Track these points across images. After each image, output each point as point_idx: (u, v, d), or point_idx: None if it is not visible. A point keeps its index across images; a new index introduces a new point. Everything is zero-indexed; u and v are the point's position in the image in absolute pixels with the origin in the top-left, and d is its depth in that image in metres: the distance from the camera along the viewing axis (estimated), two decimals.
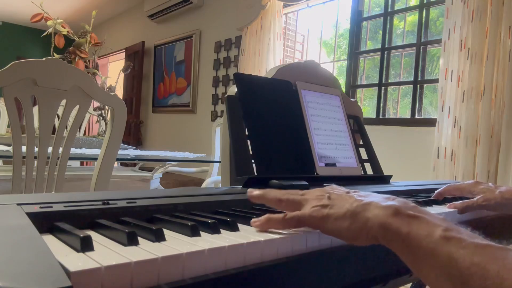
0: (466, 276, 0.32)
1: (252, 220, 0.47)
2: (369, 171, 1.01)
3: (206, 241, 0.38)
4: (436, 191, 0.81)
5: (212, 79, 4.75)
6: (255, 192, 0.51)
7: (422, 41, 2.86)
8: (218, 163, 2.66)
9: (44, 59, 1.17)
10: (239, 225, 0.47)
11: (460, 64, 2.34)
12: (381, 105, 3.12)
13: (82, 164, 3.13)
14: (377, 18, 3.24)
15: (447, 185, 0.80)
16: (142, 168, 2.58)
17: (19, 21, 7.23)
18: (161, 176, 2.37)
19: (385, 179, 1.00)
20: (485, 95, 2.21)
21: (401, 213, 0.39)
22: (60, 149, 1.27)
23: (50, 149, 1.24)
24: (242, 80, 0.83)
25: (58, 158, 1.27)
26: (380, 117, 3.11)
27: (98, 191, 1.21)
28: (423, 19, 2.86)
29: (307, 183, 0.74)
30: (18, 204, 0.41)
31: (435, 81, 2.67)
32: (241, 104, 0.80)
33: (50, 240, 0.37)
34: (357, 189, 0.51)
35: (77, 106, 1.27)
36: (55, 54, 1.89)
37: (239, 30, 4.13)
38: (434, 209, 0.71)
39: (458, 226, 0.37)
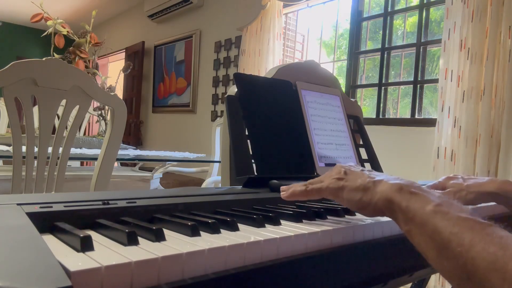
0: (446, 243, 0.38)
1: (281, 188, 0.58)
2: None
3: (206, 241, 0.38)
4: None
5: (212, 79, 4.75)
6: (284, 194, 0.58)
7: (422, 41, 2.86)
8: (218, 163, 2.66)
9: (44, 59, 1.17)
10: (239, 225, 0.47)
11: (460, 64, 2.34)
12: (381, 105, 3.12)
13: (82, 164, 3.13)
14: (377, 18, 3.24)
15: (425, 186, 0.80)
16: (142, 168, 2.58)
17: (19, 21, 7.23)
18: (161, 176, 2.37)
19: None
20: (485, 95, 2.21)
21: (404, 190, 0.46)
22: (60, 149, 1.27)
23: (50, 149, 1.24)
24: (242, 80, 0.83)
25: (58, 158, 1.27)
26: (380, 117, 3.11)
27: (98, 191, 1.21)
28: (423, 19, 2.86)
29: None
30: (18, 204, 0.41)
31: (435, 81, 2.67)
32: (241, 104, 0.80)
33: (50, 240, 0.37)
34: None
35: (77, 106, 1.27)
36: (55, 54, 1.89)
37: (239, 30, 4.13)
38: None
39: (454, 204, 0.43)
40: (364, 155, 1.02)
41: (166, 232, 0.40)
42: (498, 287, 0.33)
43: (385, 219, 0.55)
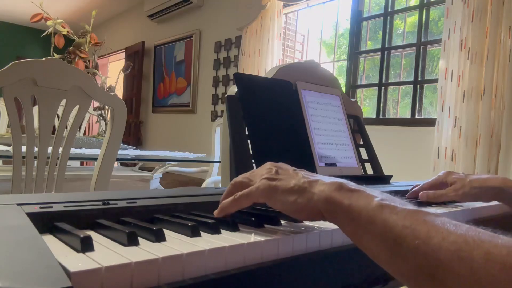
0: (400, 239, 0.34)
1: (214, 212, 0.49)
2: (369, 171, 1.01)
3: (206, 241, 0.38)
4: (410, 190, 0.79)
5: (212, 79, 4.75)
6: (215, 211, 0.50)
7: (422, 41, 2.86)
8: (218, 163, 2.66)
9: (44, 59, 1.17)
10: (239, 225, 0.47)
11: (460, 64, 2.34)
12: (381, 105, 3.12)
13: (82, 164, 3.12)
14: (377, 18, 3.24)
15: (421, 184, 0.79)
16: (142, 168, 2.58)
17: (19, 21, 7.23)
18: (161, 176, 2.37)
19: (386, 179, 1.00)
20: (485, 95, 2.21)
21: (344, 188, 0.42)
22: (60, 149, 1.27)
23: (50, 149, 1.24)
24: (242, 80, 0.83)
25: (58, 158, 1.27)
26: (380, 117, 3.11)
27: (98, 191, 1.21)
28: (423, 19, 2.86)
29: None
30: (18, 204, 0.41)
31: (435, 81, 2.67)
32: (241, 104, 0.80)
33: (50, 240, 0.37)
34: None
35: (77, 106, 1.27)
36: (55, 54, 1.89)
37: (239, 30, 4.13)
38: (433, 209, 0.71)
39: (395, 198, 0.40)
40: (364, 155, 1.02)
41: (166, 232, 0.40)
42: (465, 277, 0.30)
43: None
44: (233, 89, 0.82)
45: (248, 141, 0.78)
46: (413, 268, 0.33)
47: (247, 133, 0.78)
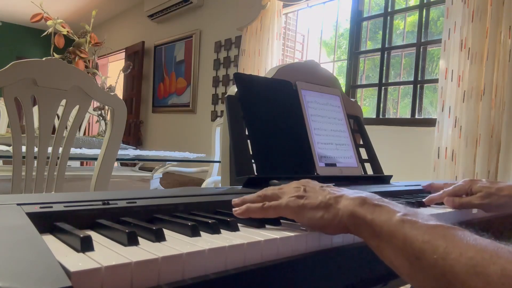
0: (419, 253, 0.36)
1: (233, 200, 0.52)
2: (369, 171, 1.01)
3: (206, 241, 0.38)
4: (429, 197, 0.76)
5: (212, 79, 4.75)
6: (237, 211, 0.50)
7: (422, 41, 2.86)
8: (218, 163, 2.66)
9: (44, 59, 1.17)
10: (239, 225, 0.47)
11: (460, 64, 2.34)
12: (381, 105, 3.12)
13: (82, 164, 3.12)
14: (377, 18, 3.24)
15: (442, 192, 0.75)
16: (142, 168, 2.58)
17: (19, 21, 7.23)
18: (161, 176, 2.37)
19: (386, 179, 0.99)
20: (485, 95, 2.21)
21: (367, 203, 0.44)
22: (60, 149, 1.27)
23: (50, 149, 1.24)
24: (242, 80, 0.83)
25: (58, 158, 1.27)
26: (380, 117, 3.11)
27: (98, 191, 1.21)
28: (423, 19, 2.86)
29: None
30: (18, 204, 0.41)
31: (435, 81, 2.67)
32: (241, 104, 0.80)
33: (50, 240, 0.37)
34: (357, 189, 0.51)
35: (77, 106, 1.27)
36: (55, 54, 1.89)
37: (239, 30, 4.13)
38: (434, 210, 0.71)
39: (419, 212, 0.41)
40: (364, 155, 1.02)
41: (166, 232, 0.40)
42: None
43: None
44: (233, 89, 0.82)
45: (248, 141, 0.78)
46: (431, 282, 0.35)
47: (247, 133, 0.78)
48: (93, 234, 0.39)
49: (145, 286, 0.30)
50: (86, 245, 0.33)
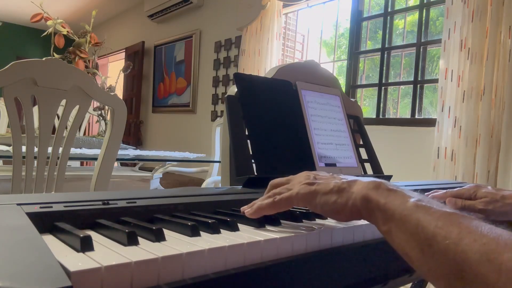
0: (431, 238, 0.35)
1: (242, 208, 0.50)
2: (369, 171, 1.01)
3: (206, 241, 0.38)
4: (431, 195, 0.76)
5: (212, 79, 4.75)
6: (249, 211, 0.49)
7: (422, 41, 2.86)
8: (218, 163, 2.66)
9: (44, 59, 1.17)
10: (239, 225, 0.47)
11: (460, 64, 2.34)
12: (381, 105, 3.12)
13: (82, 164, 3.12)
14: (377, 18, 3.24)
15: (445, 191, 0.76)
16: (142, 168, 2.58)
17: (19, 21, 7.23)
18: (161, 176, 2.37)
19: (385, 179, 0.99)
20: (485, 95, 2.21)
21: (381, 187, 0.43)
22: (60, 149, 1.27)
23: (50, 149, 1.24)
24: (242, 80, 0.83)
25: (58, 158, 1.27)
26: (380, 117, 3.11)
27: (98, 191, 1.21)
28: (423, 19, 2.86)
29: None
30: (18, 204, 0.41)
31: (435, 81, 2.67)
32: (241, 104, 0.80)
33: (50, 240, 0.37)
34: None
35: (77, 106, 1.27)
36: (55, 54, 1.89)
37: (239, 30, 4.13)
38: None
39: (433, 200, 0.40)
40: (364, 155, 1.02)
41: (166, 232, 0.40)
42: (492, 280, 0.30)
43: None
44: (233, 89, 0.82)
45: (248, 141, 0.78)
46: (442, 268, 0.34)
47: (247, 133, 0.78)
48: (93, 234, 0.39)
49: (145, 286, 0.30)
50: (86, 245, 0.33)
